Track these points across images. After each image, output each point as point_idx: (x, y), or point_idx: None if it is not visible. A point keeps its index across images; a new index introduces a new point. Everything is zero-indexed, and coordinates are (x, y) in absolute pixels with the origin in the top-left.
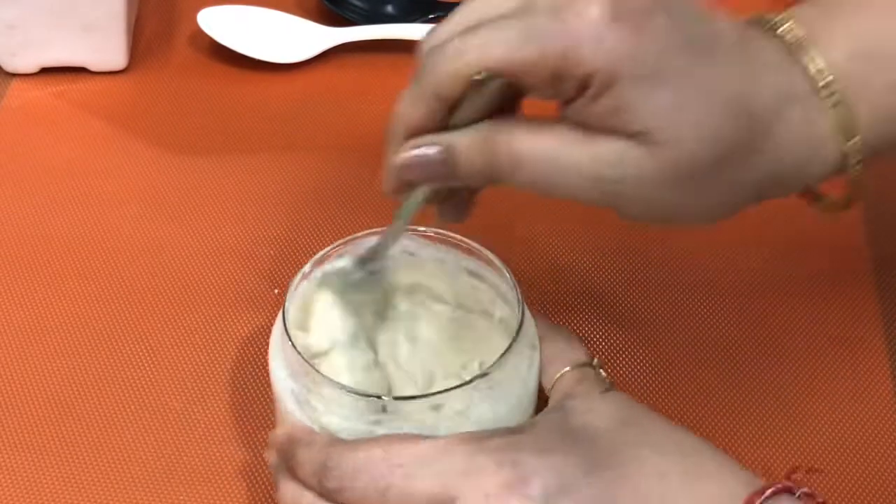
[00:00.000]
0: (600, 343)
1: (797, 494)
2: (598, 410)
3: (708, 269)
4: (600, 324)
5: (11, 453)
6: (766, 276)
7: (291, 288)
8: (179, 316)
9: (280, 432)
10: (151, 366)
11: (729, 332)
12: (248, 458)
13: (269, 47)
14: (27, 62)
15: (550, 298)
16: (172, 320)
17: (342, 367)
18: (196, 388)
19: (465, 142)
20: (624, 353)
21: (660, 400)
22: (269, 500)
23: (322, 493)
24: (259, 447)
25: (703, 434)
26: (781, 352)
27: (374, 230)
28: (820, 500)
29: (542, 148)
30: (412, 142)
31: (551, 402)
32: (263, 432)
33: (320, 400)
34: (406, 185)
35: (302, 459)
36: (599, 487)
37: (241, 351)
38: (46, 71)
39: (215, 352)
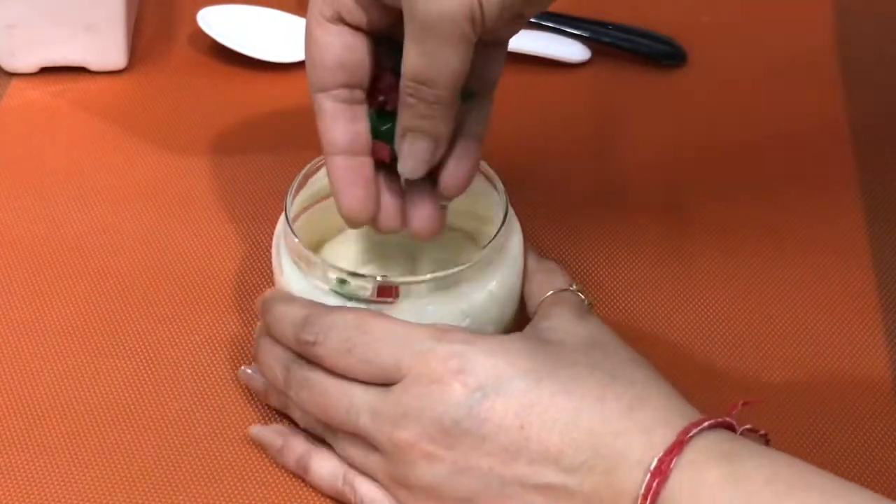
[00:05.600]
0: None
1: (739, 431)
2: (569, 331)
3: (707, 264)
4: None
5: (11, 453)
6: (766, 272)
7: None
8: (180, 315)
9: (266, 294)
10: (151, 364)
11: (728, 329)
12: (249, 457)
13: (269, 47)
14: (27, 62)
15: None
16: (173, 319)
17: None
18: (196, 387)
19: None
20: None
21: None
22: (271, 501)
23: (296, 344)
24: (262, 450)
25: None
26: (781, 349)
27: None
28: (762, 432)
29: None
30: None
31: (531, 323)
32: None
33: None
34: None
35: (281, 314)
36: (534, 395)
37: (242, 350)
38: (46, 71)
39: (216, 351)
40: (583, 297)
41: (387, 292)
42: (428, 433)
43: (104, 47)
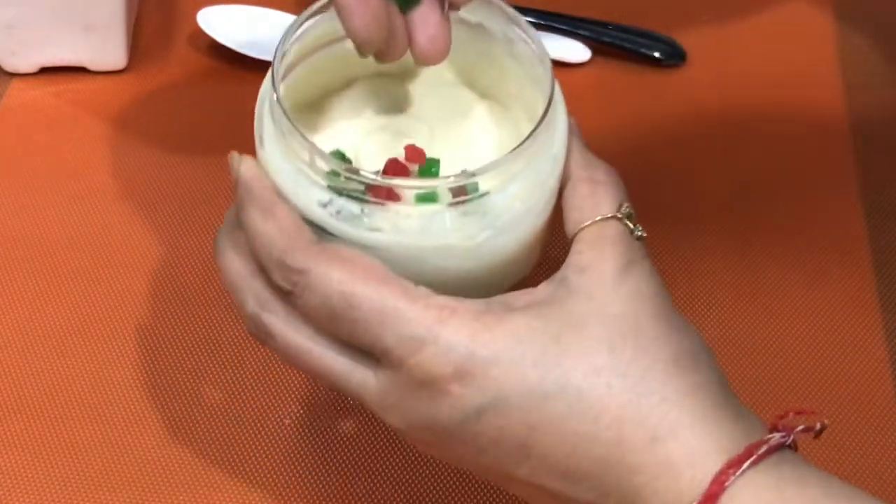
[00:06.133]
0: None
1: (792, 436)
2: (602, 303)
3: (705, 264)
4: None
5: (10, 453)
6: (766, 271)
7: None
8: (180, 316)
9: (245, 168)
10: (151, 366)
11: (727, 328)
12: (250, 459)
13: (269, 47)
14: (27, 62)
15: None
16: (173, 320)
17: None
18: (196, 388)
19: None
20: None
21: None
22: (272, 501)
23: (269, 280)
24: (261, 449)
25: None
26: (781, 349)
27: None
28: (818, 427)
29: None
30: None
31: (564, 266)
32: (265, 434)
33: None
34: None
35: (257, 231)
36: (539, 416)
37: (243, 351)
38: (46, 71)
39: (215, 352)
40: (632, 226)
41: (387, 195)
42: (418, 429)
43: (104, 47)
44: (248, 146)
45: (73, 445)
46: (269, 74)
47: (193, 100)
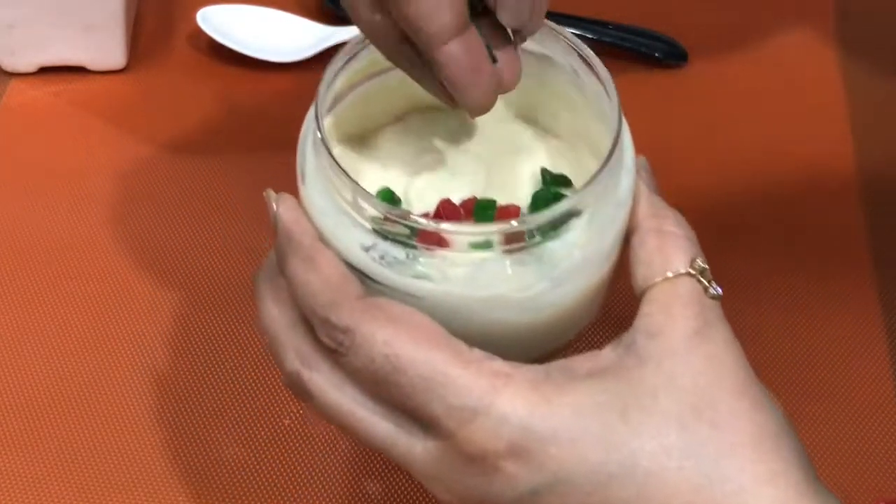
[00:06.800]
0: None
1: None
2: (674, 374)
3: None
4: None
5: (9, 454)
6: (765, 272)
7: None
8: (179, 315)
9: (283, 210)
10: (149, 366)
11: None
12: (247, 459)
13: (269, 47)
14: (26, 61)
15: None
16: (172, 320)
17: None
18: (194, 389)
19: None
20: None
21: None
22: (270, 501)
23: (311, 331)
24: (260, 449)
25: None
26: (781, 349)
27: None
28: None
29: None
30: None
31: (632, 329)
32: (264, 434)
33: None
34: None
35: (300, 281)
36: (599, 498)
37: (241, 352)
38: (45, 70)
39: (214, 353)
40: (706, 283)
41: (438, 240)
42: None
43: (103, 47)
44: (247, 145)
45: (73, 446)
46: (312, 108)
47: (193, 100)
